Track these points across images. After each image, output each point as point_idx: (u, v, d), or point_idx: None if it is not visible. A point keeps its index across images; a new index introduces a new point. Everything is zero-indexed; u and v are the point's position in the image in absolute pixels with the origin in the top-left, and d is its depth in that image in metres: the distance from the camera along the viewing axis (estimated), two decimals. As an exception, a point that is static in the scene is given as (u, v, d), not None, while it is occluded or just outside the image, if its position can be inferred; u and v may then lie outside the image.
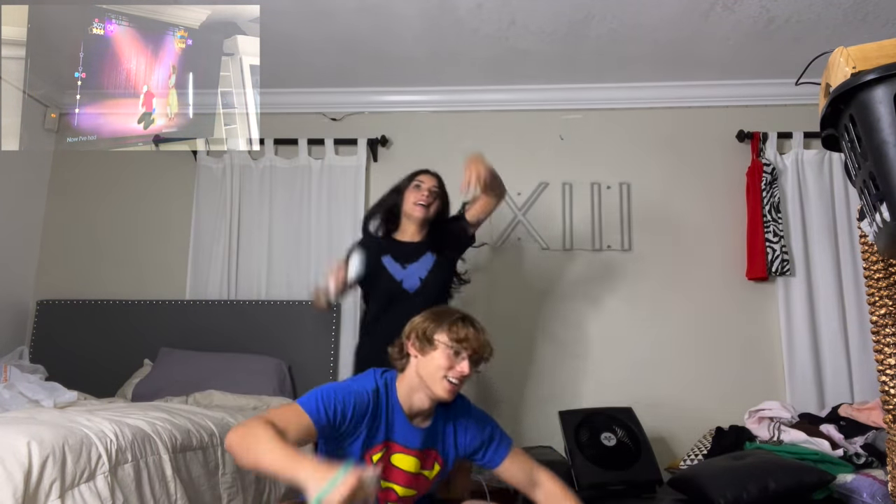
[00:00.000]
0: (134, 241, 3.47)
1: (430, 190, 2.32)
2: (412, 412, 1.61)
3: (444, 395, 1.54)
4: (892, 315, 1.27)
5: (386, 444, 1.58)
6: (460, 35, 2.97)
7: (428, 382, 1.56)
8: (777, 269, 3.08)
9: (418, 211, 2.29)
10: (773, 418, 2.64)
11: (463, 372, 1.54)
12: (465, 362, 1.55)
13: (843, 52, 1.03)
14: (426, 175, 2.38)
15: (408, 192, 2.35)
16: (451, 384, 1.54)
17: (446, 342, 1.56)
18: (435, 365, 1.55)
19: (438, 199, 2.35)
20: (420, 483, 1.64)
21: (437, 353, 1.56)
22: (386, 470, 1.59)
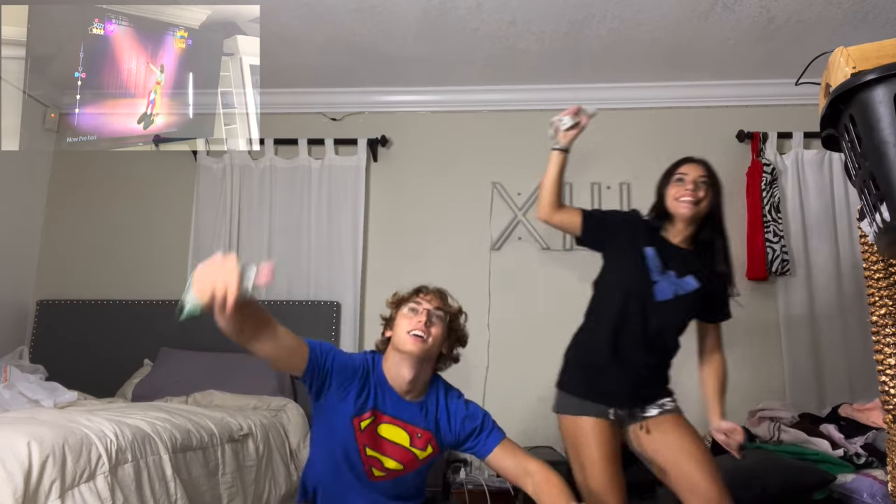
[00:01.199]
0: (134, 241, 3.47)
1: (695, 182, 1.85)
2: (399, 386, 1.67)
3: (409, 347, 1.61)
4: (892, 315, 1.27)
5: (374, 412, 1.64)
6: (460, 35, 2.97)
7: (399, 347, 1.64)
8: (777, 269, 3.08)
9: (683, 207, 1.84)
10: (773, 418, 2.64)
11: (421, 321, 1.62)
12: (422, 314, 1.64)
13: (843, 52, 1.03)
14: (690, 164, 1.90)
15: (669, 187, 1.90)
16: (415, 336, 1.61)
17: (403, 305, 1.69)
18: (400, 331, 1.64)
19: (710, 190, 1.86)
20: (408, 459, 1.66)
21: (399, 321, 1.67)
22: (374, 439, 1.64)
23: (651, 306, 1.81)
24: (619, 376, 1.81)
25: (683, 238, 1.89)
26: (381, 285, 3.36)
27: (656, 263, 1.84)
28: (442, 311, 1.69)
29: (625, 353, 1.81)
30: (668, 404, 1.86)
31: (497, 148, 3.46)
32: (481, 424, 1.72)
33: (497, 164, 3.43)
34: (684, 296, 1.84)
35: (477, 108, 3.51)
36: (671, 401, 1.87)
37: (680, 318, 1.87)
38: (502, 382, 3.18)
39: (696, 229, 1.89)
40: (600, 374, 1.82)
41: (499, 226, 3.36)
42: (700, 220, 1.88)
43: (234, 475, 2.07)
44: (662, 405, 1.85)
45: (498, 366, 3.22)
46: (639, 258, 1.84)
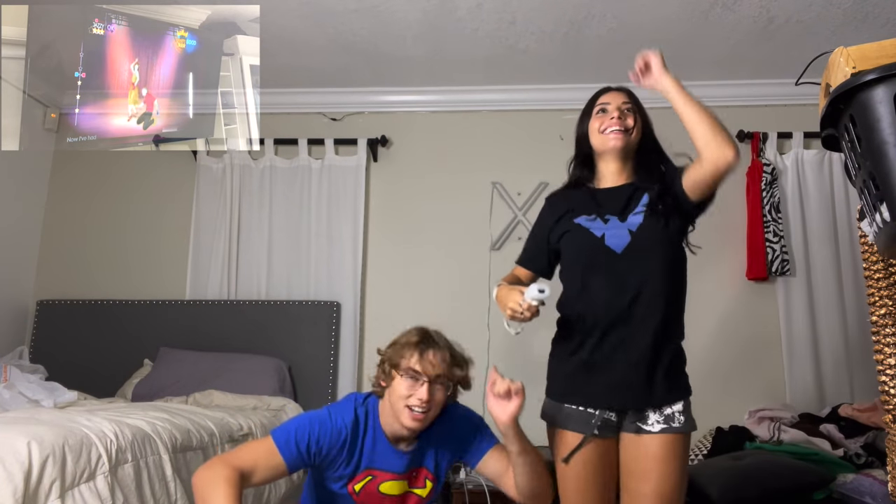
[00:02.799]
0: (134, 241, 3.47)
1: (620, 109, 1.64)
2: (395, 438, 1.57)
3: (410, 424, 1.48)
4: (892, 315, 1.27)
5: (368, 473, 1.55)
6: (460, 35, 2.97)
7: (395, 412, 1.51)
8: (777, 269, 3.08)
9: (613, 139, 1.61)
10: (773, 418, 2.64)
11: (422, 398, 1.47)
12: (423, 388, 1.48)
13: (843, 52, 1.03)
14: (611, 93, 1.69)
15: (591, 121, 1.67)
16: (414, 413, 1.48)
17: (402, 370, 1.51)
18: (396, 395, 1.50)
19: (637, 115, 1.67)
20: (412, 502, 1.62)
21: (396, 382, 1.51)
22: (372, 496, 1.57)
23: (614, 263, 1.53)
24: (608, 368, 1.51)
25: (623, 178, 1.65)
26: (381, 285, 3.36)
27: (592, 220, 1.59)
28: (445, 378, 1.52)
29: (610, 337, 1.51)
30: (676, 418, 1.50)
31: (497, 148, 3.46)
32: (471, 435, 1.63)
33: (497, 164, 3.43)
34: (643, 224, 1.55)
35: (477, 108, 3.51)
36: (683, 411, 1.51)
37: (656, 257, 1.55)
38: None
39: (633, 166, 1.65)
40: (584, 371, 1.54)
41: (499, 226, 3.35)
42: (633, 155, 1.65)
43: (234, 475, 2.06)
44: (671, 419, 1.50)
45: (498, 366, 3.21)
46: (574, 227, 1.61)
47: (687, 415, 1.52)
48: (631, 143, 1.63)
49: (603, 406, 1.51)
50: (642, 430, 1.49)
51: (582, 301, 1.56)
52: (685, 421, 1.50)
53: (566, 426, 1.52)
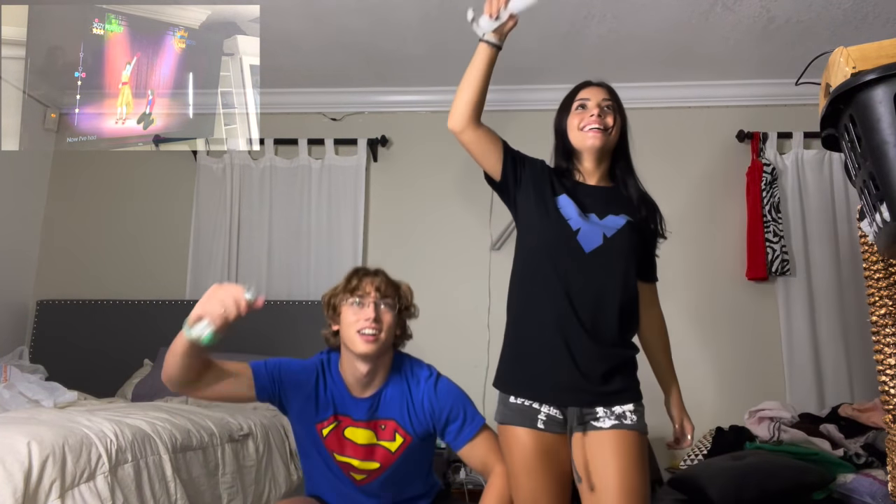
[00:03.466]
0: (134, 241, 3.47)
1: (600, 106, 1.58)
2: (356, 384, 1.59)
3: (363, 348, 1.51)
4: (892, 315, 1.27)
5: (336, 418, 1.59)
6: (460, 35, 2.97)
7: (349, 345, 1.54)
8: (777, 269, 3.08)
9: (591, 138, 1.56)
10: (773, 418, 2.64)
11: (369, 317, 1.51)
12: (369, 308, 1.53)
13: (843, 52, 1.03)
14: (591, 88, 1.63)
15: (571, 117, 1.63)
16: (364, 335, 1.51)
17: (345, 298, 1.57)
18: (346, 325, 1.55)
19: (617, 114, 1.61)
20: (379, 455, 1.60)
21: (344, 315, 1.56)
22: (340, 443, 1.60)
23: (582, 262, 1.49)
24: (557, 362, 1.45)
25: (598, 178, 1.61)
26: (381, 285, 3.36)
27: (573, 209, 1.53)
28: (389, 298, 1.57)
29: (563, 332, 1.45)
30: (628, 416, 1.44)
31: (497, 148, 3.45)
32: (454, 414, 1.61)
33: (497, 164, 3.43)
34: (616, 235, 1.51)
35: (477, 108, 3.50)
36: (634, 411, 1.45)
37: (621, 265, 1.51)
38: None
39: (610, 165, 1.62)
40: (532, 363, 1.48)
41: (499, 226, 3.35)
42: (612, 154, 1.62)
43: (234, 475, 2.07)
44: (622, 416, 1.44)
45: (498, 366, 3.22)
46: (553, 209, 1.54)
47: (639, 415, 1.46)
48: (609, 143, 1.58)
49: (548, 402, 1.45)
50: (593, 426, 1.43)
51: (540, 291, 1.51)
52: (637, 420, 1.45)
53: (512, 421, 1.47)
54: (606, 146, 1.58)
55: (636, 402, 1.48)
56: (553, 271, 1.49)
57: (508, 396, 1.50)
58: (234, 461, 2.10)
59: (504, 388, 1.52)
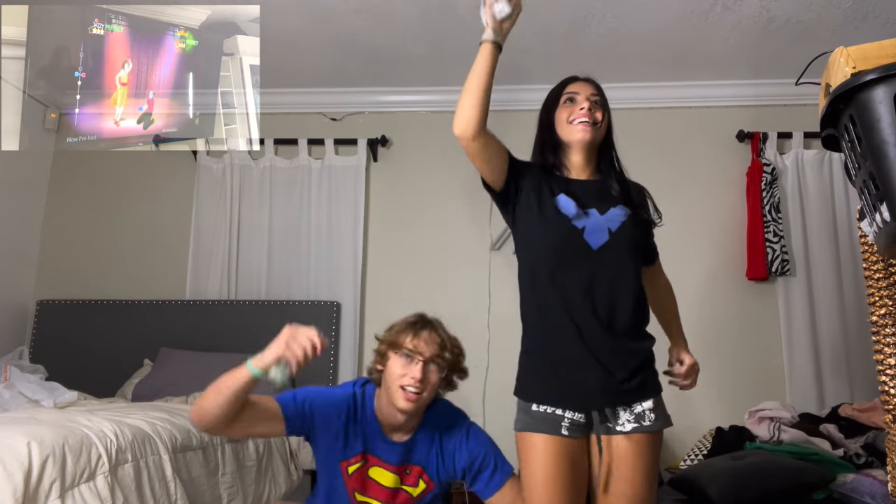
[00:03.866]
0: (134, 241, 3.47)
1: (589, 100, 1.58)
2: (389, 426, 1.58)
3: (402, 405, 1.50)
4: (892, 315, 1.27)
5: (364, 456, 1.57)
6: (460, 35, 2.97)
7: (389, 394, 1.53)
8: (777, 269, 3.08)
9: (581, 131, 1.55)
10: (773, 418, 2.64)
11: (415, 377, 1.49)
12: (417, 367, 1.51)
13: (843, 52, 1.03)
14: (579, 83, 1.63)
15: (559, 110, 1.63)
16: (408, 392, 1.49)
17: (397, 350, 1.54)
18: (391, 375, 1.53)
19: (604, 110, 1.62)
20: (401, 498, 1.61)
21: (391, 363, 1.54)
22: (363, 483, 1.58)
23: (591, 260, 1.48)
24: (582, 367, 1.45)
25: (588, 173, 1.61)
26: (381, 285, 3.36)
27: (573, 207, 1.51)
28: (440, 360, 1.55)
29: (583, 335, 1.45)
30: (647, 416, 1.45)
31: (497, 148, 3.45)
32: (483, 462, 1.61)
33: (497, 164, 3.43)
34: (620, 229, 1.51)
35: (477, 108, 3.50)
36: (654, 409, 1.46)
37: (629, 257, 1.52)
38: (502, 382, 3.17)
39: (596, 161, 1.62)
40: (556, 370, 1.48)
41: (499, 226, 3.35)
42: (598, 150, 1.61)
43: (234, 475, 2.07)
44: (641, 417, 1.44)
45: (498, 366, 3.22)
46: (554, 211, 1.51)
47: (658, 412, 1.46)
48: (598, 138, 1.59)
49: (572, 408, 1.44)
50: (613, 430, 1.44)
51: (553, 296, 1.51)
52: (656, 419, 1.45)
53: (535, 429, 1.46)
54: (595, 140, 1.58)
55: (656, 395, 1.48)
56: (564, 274, 1.49)
57: (530, 405, 1.49)
58: (234, 461, 2.10)
59: (527, 397, 1.51)
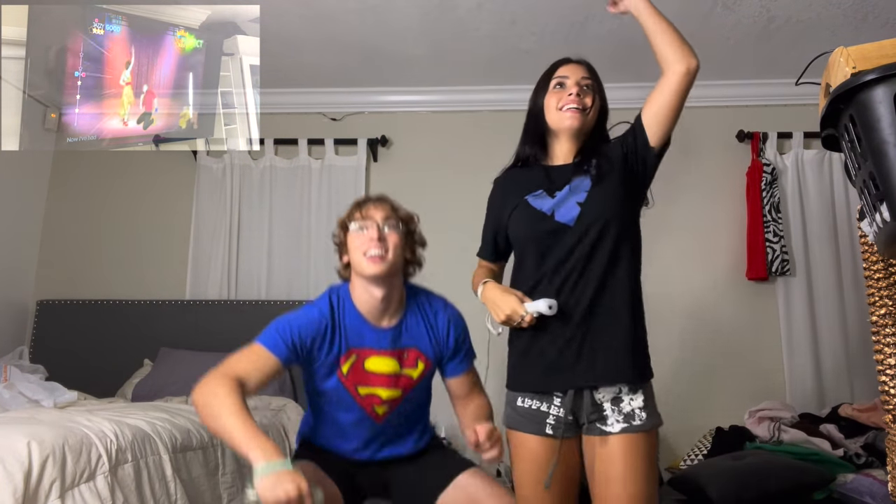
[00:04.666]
0: (134, 241, 3.47)
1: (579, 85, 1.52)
2: (372, 314, 1.60)
3: (371, 270, 1.52)
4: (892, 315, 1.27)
5: (353, 352, 1.58)
6: (460, 35, 2.97)
7: (359, 271, 1.56)
8: (777, 269, 3.08)
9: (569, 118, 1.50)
10: (773, 418, 2.64)
11: (373, 237, 1.53)
12: (372, 229, 1.55)
13: (843, 52, 1.03)
14: (570, 66, 1.57)
15: (548, 96, 1.56)
16: (371, 257, 1.53)
17: (350, 226, 1.59)
18: (353, 251, 1.57)
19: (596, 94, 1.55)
20: (402, 382, 1.63)
21: (350, 241, 1.58)
22: (361, 376, 1.59)
23: (566, 236, 1.43)
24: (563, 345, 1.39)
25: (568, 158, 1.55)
26: (381, 285, 3.36)
27: (539, 196, 1.49)
28: (393, 219, 1.59)
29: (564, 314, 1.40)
30: (637, 415, 1.38)
31: (497, 148, 3.44)
32: (464, 341, 1.71)
33: (497, 164, 3.40)
34: (590, 194, 1.44)
35: (477, 108, 3.51)
36: (644, 407, 1.39)
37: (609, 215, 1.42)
38: (502, 382, 3.17)
39: (582, 146, 1.54)
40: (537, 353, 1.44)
41: (499, 226, 3.36)
42: (588, 136, 1.54)
43: (234, 475, 2.07)
44: (631, 416, 1.38)
45: (498, 366, 3.21)
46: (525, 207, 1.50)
47: (649, 410, 1.39)
48: (587, 124, 1.52)
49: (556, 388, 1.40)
50: (603, 431, 1.38)
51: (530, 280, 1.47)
52: (647, 417, 1.38)
53: (521, 428, 1.43)
54: (584, 127, 1.52)
55: (645, 386, 1.41)
56: (540, 257, 1.45)
57: (516, 398, 1.47)
58: (234, 461, 2.10)
59: (514, 387, 1.50)
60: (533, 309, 1.38)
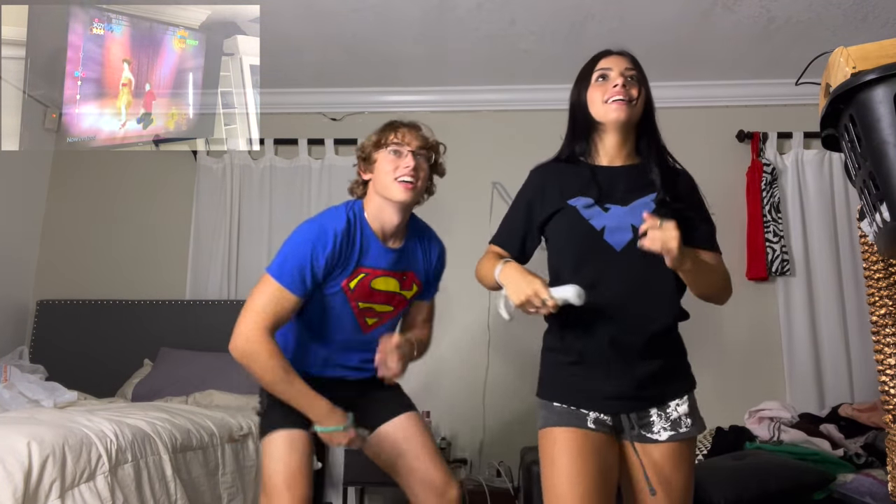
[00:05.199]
0: (134, 241, 3.47)
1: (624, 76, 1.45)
2: (385, 233, 1.62)
3: (401, 196, 1.55)
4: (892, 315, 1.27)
5: (362, 270, 1.59)
6: (460, 35, 2.97)
7: (385, 194, 1.57)
8: (777, 269, 3.08)
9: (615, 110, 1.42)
10: (773, 418, 2.64)
11: (409, 165, 1.55)
12: (408, 157, 1.57)
13: (843, 52, 1.03)
14: (612, 57, 1.51)
15: (591, 90, 1.49)
16: (405, 182, 1.55)
17: (383, 147, 1.59)
18: (383, 173, 1.57)
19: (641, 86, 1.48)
20: (396, 300, 1.68)
21: (380, 162, 1.59)
22: (365, 292, 1.61)
23: (616, 262, 1.36)
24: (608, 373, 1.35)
25: (622, 158, 1.47)
26: (381, 285, 3.36)
27: (589, 207, 1.39)
28: (425, 150, 1.62)
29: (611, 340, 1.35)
30: (683, 422, 1.37)
31: (497, 148, 3.46)
32: (440, 271, 1.79)
33: (497, 164, 3.43)
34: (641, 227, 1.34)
35: (477, 108, 3.51)
36: (689, 413, 1.38)
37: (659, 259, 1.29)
38: (502, 382, 3.18)
39: (634, 144, 1.48)
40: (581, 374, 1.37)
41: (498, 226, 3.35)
42: (636, 130, 1.48)
43: (234, 475, 2.07)
44: (678, 424, 1.36)
45: (498, 366, 3.22)
46: (570, 213, 1.40)
47: (694, 416, 1.39)
48: (634, 117, 1.44)
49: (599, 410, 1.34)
50: (648, 438, 1.35)
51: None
52: (692, 424, 1.37)
53: (559, 423, 1.34)
54: (631, 119, 1.44)
55: (690, 393, 1.41)
56: (588, 280, 1.33)
57: (552, 403, 1.38)
58: (234, 461, 2.10)
59: (550, 398, 1.39)
60: (559, 295, 1.26)
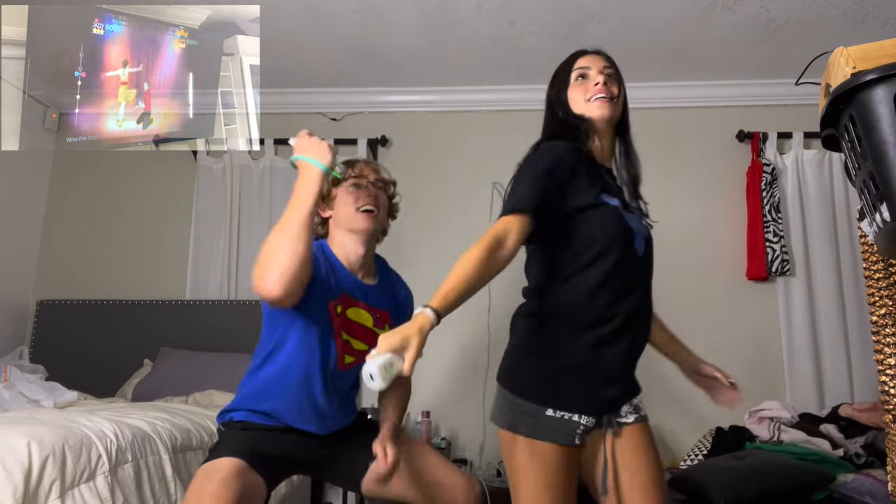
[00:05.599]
0: (134, 241, 3.47)
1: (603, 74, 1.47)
2: (353, 267, 1.64)
3: (366, 225, 1.60)
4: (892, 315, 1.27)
5: (344, 297, 1.61)
6: (460, 35, 2.97)
7: (349, 225, 1.61)
8: (777, 269, 3.08)
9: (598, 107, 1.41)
10: (773, 418, 2.64)
11: (370, 194, 1.61)
12: (369, 187, 1.63)
13: (843, 52, 1.03)
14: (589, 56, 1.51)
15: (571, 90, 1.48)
16: (367, 211, 1.60)
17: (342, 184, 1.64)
18: (344, 205, 1.62)
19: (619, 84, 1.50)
20: (370, 338, 1.66)
21: (341, 196, 1.63)
22: (346, 323, 1.61)
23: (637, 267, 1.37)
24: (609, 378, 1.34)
25: (608, 160, 1.47)
26: (381, 285, 3.36)
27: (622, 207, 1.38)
28: (381, 182, 1.68)
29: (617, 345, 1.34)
30: (641, 407, 1.43)
31: (497, 148, 3.46)
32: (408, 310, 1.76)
33: (497, 164, 3.42)
34: (649, 235, 1.44)
35: (477, 108, 3.51)
36: (640, 399, 1.45)
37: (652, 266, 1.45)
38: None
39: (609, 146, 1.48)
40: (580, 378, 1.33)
41: (499, 226, 3.36)
42: (614, 131, 1.48)
43: (234, 475, 2.06)
44: (638, 408, 1.41)
45: (498, 366, 3.21)
46: (610, 212, 1.35)
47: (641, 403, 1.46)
48: (617, 114, 1.45)
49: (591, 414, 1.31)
50: (620, 423, 1.36)
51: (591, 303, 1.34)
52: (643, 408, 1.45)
53: (547, 438, 1.29)
54: (614, 116, 1.44)
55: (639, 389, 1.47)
56: (611, 281, 1.31)
57: (545, 409, 1.31)
58: (234, 461, 2.10)
59: (542, 402, 1.32)
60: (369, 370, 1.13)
